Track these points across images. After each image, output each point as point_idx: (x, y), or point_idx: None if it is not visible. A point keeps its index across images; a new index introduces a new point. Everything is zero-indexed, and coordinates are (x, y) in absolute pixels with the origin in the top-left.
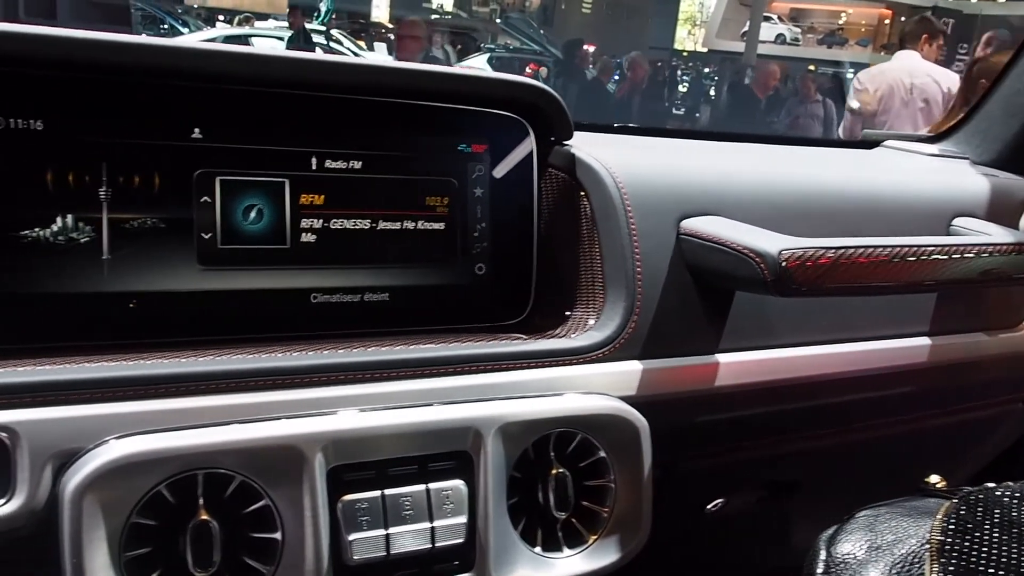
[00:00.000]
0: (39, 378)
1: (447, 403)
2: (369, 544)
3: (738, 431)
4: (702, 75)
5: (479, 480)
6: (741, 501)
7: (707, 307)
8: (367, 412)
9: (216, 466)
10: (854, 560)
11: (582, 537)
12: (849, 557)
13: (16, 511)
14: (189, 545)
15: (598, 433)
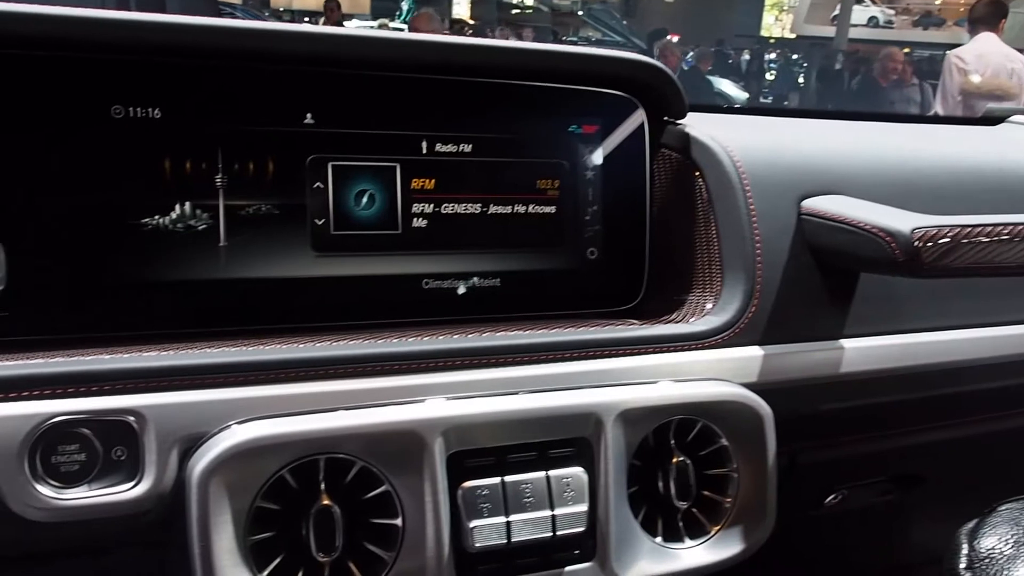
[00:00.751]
0: (165, 363)
1: (566, 389)
2: (490, 531)
3: (863, 420)
4: (790, 62)
5: (599, 467)
6: (862, 495)
7: (831, 290)
8: (486, 398)
9: (337, 451)
10: (1000, 556)
11: (704, 528)
12: (995, 552)
13: (145, 494)
14: (312, 530)
15: (720, 420)
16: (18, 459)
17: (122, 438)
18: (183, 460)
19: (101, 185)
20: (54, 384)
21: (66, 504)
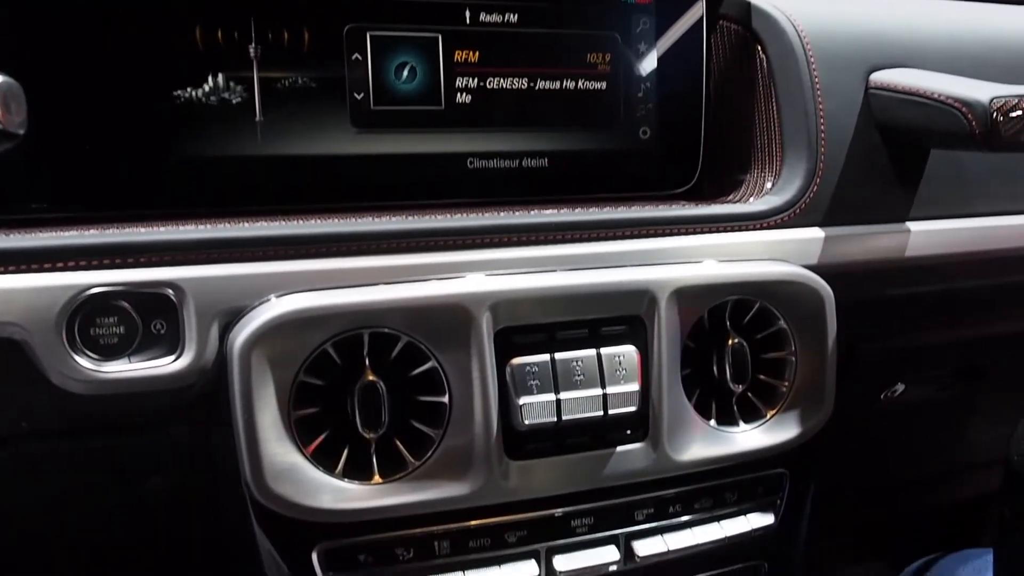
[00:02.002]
0: (202, 236)
1: (619, 266)
2: (540, 409)
3: (927, 309)
4: None
5: (652, 346)
6: (922, 389)
7: (899, 169)
8: (537, 273)
9: (381, 325)
10: None
11: (759, 412)
12: None
13: (186, 368)
14: (357, 405)
15: (778, 302)
16: (56, 331)
17: (161, 312)
18: (224, 334)
19: (131, 55)
20: (90, 255)
21: (106, 377)
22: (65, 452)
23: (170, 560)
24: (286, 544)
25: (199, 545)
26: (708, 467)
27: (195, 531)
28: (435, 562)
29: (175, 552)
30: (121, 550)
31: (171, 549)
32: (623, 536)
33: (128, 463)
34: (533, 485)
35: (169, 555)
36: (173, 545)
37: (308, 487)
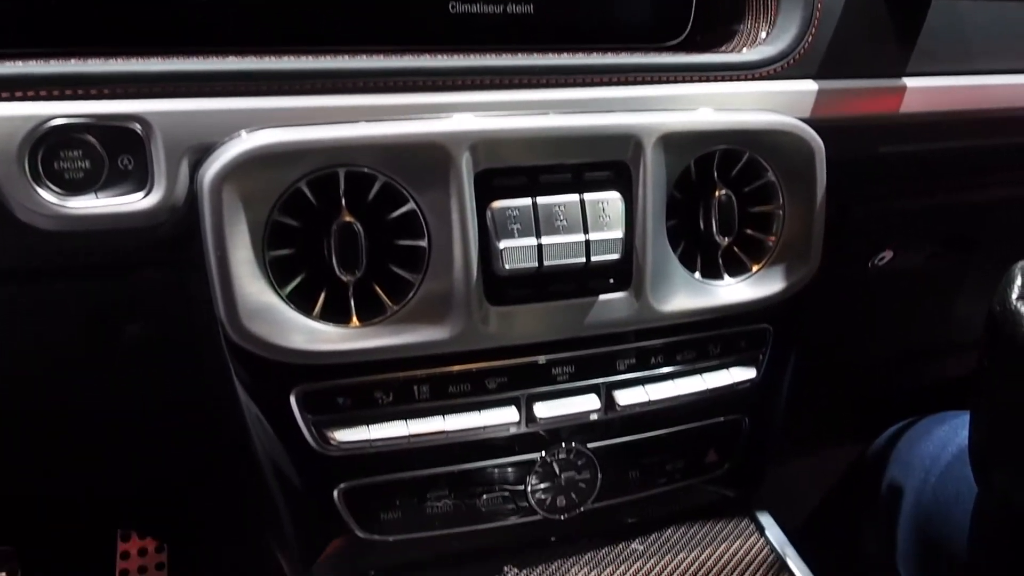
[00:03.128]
0: (172, 68)
1: (606, 111)
2: (521, 253)
3: (920, 169)
4: None
5: (637, 193)
6: (911, 257)
7: (897, 22)
8: (519, 115)
9: (357, 164)
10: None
11: (744, 266)
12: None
13: (156, 205)
14: (334, 246)
15: (768, 153)
16: (17, 162)
17: (128, 147)
18: (194, 171)
19: None
20: (53, 85)
21: (73, 213)
22: (39, 296)
23: (150, 417)
24: (264, 388)
25: (178, 399)
26: (691, 319)
27: (173, 384)
28: (414, 407)
29: (154, 407)
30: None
31: (150, 404)
32: (604, 385)
33: (103, 310)
34: (514, 332)
35: (148, 410)
36: (152, 400)
37: (283, 327)
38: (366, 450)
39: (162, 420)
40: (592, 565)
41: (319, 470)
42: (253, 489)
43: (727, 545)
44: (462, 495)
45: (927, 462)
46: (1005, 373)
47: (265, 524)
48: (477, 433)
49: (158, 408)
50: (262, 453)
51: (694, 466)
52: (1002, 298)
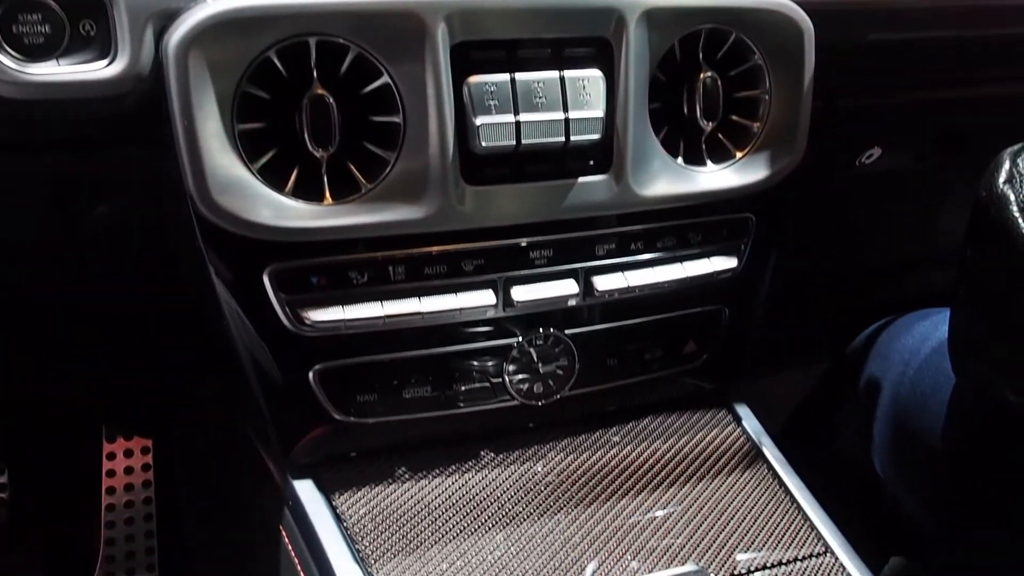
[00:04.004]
0: None
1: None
2: (498, 131)
3: (911, 61)
4: None
5: (619, 72)
6: (900, 156)
7: None
8: None
9: (328, 33)
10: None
11: (728, 152)
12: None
13: (121, 73)
14: (306, 120)
15: (755, 34)
16: None
17: (90, 11)
18: (159, 37)
19: None
20: None
21: (34, 79)
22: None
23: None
24: (237, 267)
25: (153, 285)
26: (672, 205)
27: (148, 269)
28: (390, 287)
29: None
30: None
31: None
32: (583, 270)
33: (72, 189)
34: (491, 212)
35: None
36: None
37: (255, 202)
38: (341, 331)
39: (138, 309)
40: (568, 451)
41: (294, 351)
42: (233, 379)
43: (703, 434)
44: (439, 379)
45: (906, 356)
46: (988, 259)
47: (245, 415)
48: (453, 316)
49: (134, 296)
50: (238, 337)
51: (673, 356)
52: (988, 183)
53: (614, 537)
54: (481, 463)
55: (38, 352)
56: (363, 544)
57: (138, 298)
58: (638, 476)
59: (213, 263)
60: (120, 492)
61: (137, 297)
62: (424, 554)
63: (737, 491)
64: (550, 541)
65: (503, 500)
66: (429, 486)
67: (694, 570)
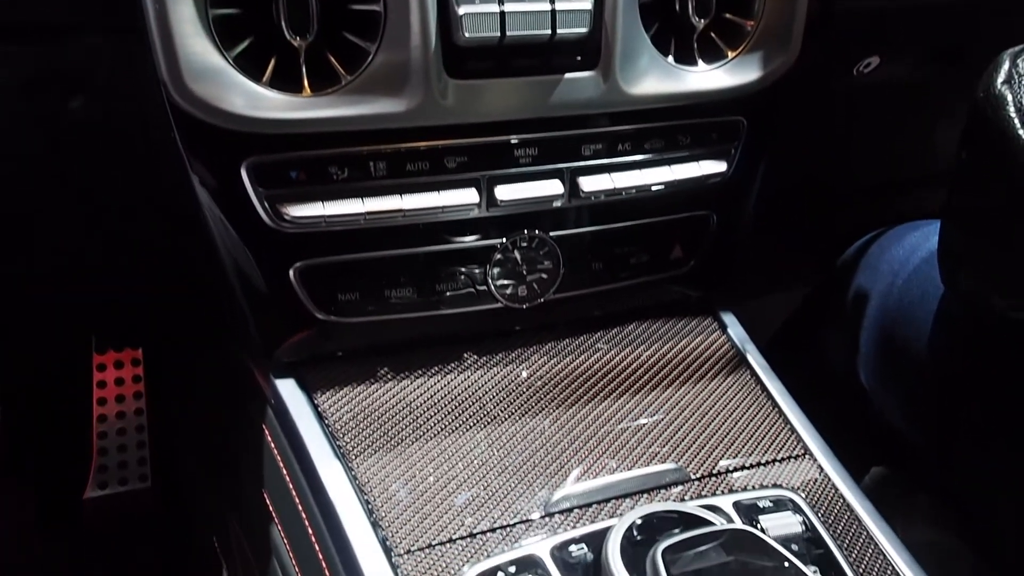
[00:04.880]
0: None
1: None
2: (482, 21)
3: None
4: None
5: None
6: (897, 67)
7: None
8: None
9: None
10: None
11: (721, 52)
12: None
13: None
14: (283, 6)
15: None
16: None
17: None
18: None
19: None
20: None
21: None
22: None
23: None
24: (213, 160)
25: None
26: (661, 105)
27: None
28: (371, 184)
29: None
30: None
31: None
32: (568, 170)
33: (43, 80)
34: (474, 108)
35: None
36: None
37: (230, 91)
38: (321, 228)
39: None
40: (553, 355)
41: (274, 249)
42: (215, 284)
43: (688, 340)
44: (421, 280)
45: (895, 266)
46: (983, 161)
47: (230, 321)
48: (436, 214)
49: (115, 200)
50: (218, 236)
51: (659, 262)
52: (987, 83)
53: (595, 437)
54: (464, 365)
55: (22, 262)
56: (344, 441)
57: (119, 202)
58: (621, 380)
59: (190, 157)
60: (112, 403)
61: (118, 201)
62: (404, 451)
63: (720, 396)
64: (531, 440)
65: (485, 401)
66: (411, 386)
67: (672, 468)
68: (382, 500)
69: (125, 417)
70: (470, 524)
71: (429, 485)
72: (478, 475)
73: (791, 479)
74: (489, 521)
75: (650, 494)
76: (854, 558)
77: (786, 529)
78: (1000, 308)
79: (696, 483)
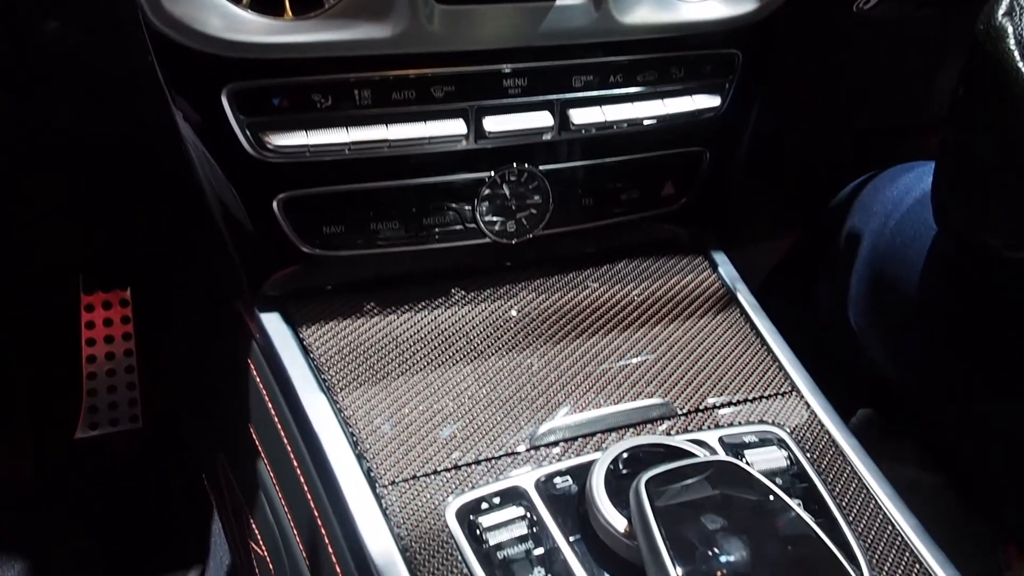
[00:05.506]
0: None
1: None
2: None
3: None
4: None
5: None
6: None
7: None
8: None
9: None
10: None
11: None
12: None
13: None
14: None
15: None
16: None
17: None
18: None
19: None
20: None
21: None
22: None
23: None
24: (192, 86)
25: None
26: (655, 35)
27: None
28: (355, 113)
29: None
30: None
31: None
32: (559, 102)
33: None
34: (461, 35)
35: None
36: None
37: (207, 12)
38: (305, 157)
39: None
40: (541, 291)
41: (257, 179)
42: (201, 219)
43: (678, 279)
44: (408, 213)
45: (889, 207)
46: (981, 96)
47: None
48: (422, 145)
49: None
50: (200, 168)
51: (650, 198)
52: (987, 15)
53: (582, 373)
54: (452, 300)
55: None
56: (329, 374)
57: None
58: (610, 317)
59: (169, 84)
60: (101, 344)
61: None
62: (390, 384)
63: (708, 334)
64: (518, 376)
65: (472, 336)
66: (398, 321)
67: (659, 403)
68: (367, 433)
69: (114, 358)
70: (455, 457)
71: (414, 418)
72: (464, 409)
73: (777, 415)
74: (474, 454)
75: (636, 428)
76: (838, 492)
77: (771, 464)
78: (993, 247)
79: (683, 418)
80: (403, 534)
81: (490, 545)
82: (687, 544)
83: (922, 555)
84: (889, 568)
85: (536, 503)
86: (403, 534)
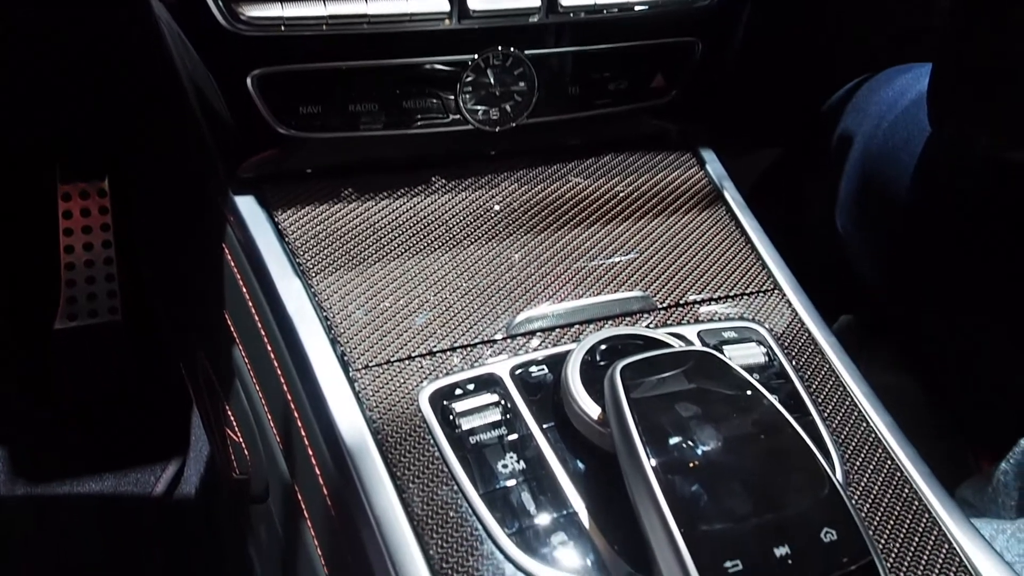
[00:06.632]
0: None
1: None
2: None
3: None
4: None
5: None
6: None
7: None
8: None
9: None
10: None
11: None
12: None
13: None
14: None
15: None
16: None
17: None
18: None
19: None
20: None
21: None
22: None
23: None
24: None
25: None
26: None
27: None
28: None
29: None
30: None
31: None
32: None
33: None
34: None
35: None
36: None
37: None
38: (280, 31)
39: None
40: (524, 182)
41: (230, 54)
42: (174, 100)
43: (664, 174)
44: (387, 95)
45: (883, 108)
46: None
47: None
48: (403, 24)
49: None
50: (172, 43)
51: (639, 90)
52: None
53: (562, 265)
54: (432, 188)
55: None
56: (304, 258)
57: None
58: (594, 210)
59: None
60: (78, 234)
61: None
62: (366, 270)
63: (693, 230)
64: (496, 266)
65: (452, 225)
66: (376, 207)
67: (639, 296)
68: (341, 317)
69: (92, 249)
70: (430, 343)
71: (390, 304)
72: (440, 297)
73: (758, 313)
74: (449, 341)
75: (615, 321)
76: (814, 389)
77: (749, 360)
78: (986, 148)
79: (662, 312)
80: (375, 418)
81: (463, 430)
82: (660, 431)
83: (895, 451)
84: (862, 462)
85: (511, 390)
86: (375, 418)
